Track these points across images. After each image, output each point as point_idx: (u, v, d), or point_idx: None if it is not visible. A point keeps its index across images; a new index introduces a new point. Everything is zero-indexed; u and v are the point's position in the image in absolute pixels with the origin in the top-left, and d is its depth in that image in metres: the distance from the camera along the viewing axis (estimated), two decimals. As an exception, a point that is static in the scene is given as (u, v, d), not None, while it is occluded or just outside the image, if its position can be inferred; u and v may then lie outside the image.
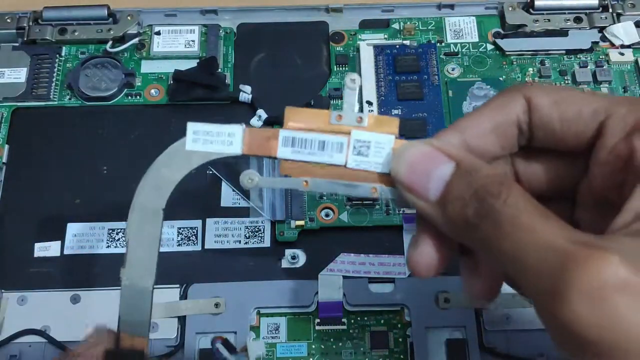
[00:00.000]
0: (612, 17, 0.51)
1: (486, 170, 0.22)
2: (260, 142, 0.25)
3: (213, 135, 0.25)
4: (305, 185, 0.25)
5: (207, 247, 0.44)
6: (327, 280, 0.42)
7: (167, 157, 0.25)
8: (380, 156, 0.25)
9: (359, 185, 0.25)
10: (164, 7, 0.52)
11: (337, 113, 0.25)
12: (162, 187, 0.25)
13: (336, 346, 0.41)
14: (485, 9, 0.52)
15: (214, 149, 0.25)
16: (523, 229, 0.20)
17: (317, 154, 0.25)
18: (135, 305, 0.26)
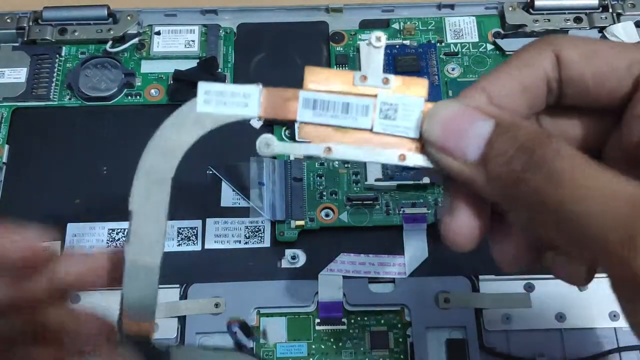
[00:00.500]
0: (612, 17, 0.51)
1: (529, 126, 0.21)
2: (278, 103, 0.23)
3: (227, 95, 0.23)
4: (328, 152, 0.23)
5: (207, 247, 0.44)
6: (327, 280, 0.42)
7: (176, 120, 0.23)
8: (410, 120, 0.23)
9: (385, 151, 0.23)
10: (164, 7, 0.52)
11: (362, 74, 0.23)
12: (171, 153, 0.23)
13: (336, 346, 0.41)
14: (485, 9, 0.52)
15: (228, 111, 0.23)
16: (585, 176, 0.19)
17: (341, 117, 0.23)
18: (140, 284, 0.23)
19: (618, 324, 0.41)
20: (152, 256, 0.24)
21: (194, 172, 0.45)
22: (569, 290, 0.42)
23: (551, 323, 0.41)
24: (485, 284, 0.42)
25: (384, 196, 0.45)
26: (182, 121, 0.23)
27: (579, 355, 0.40)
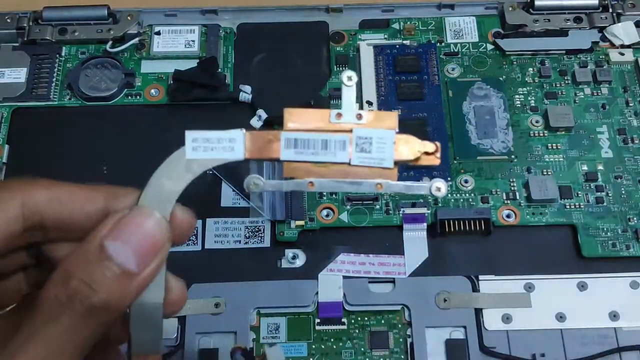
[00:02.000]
0: (612, 17, 0.51)
1: None
2: (262, 145, 0.25)
3: (213, 142, 0.25)
4: (311, 186, 0.25)
5: (207, 247, 0.43)
6: (327, 280, 0.42)
7: (167, 168, 0.24)
8: (383, 151, 0.25)
9: (364, 182, 0.25)
10: (164, 7, 0.52)
11: (337, 111, 0.25)
12: (164, 199, 0.24)
13: (336, 346, 0.41)
14: (485, 9, 0.52)
15: (215, 156, 0.25)
16: None
17: (321, 154, 0.25)
18: (146, 322, 0.24)
19: (618, 324, 0.41)
20: (155, 295, 0.24)
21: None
22: (569, 290, 0.42)
23: (551, 323, 0.41)
24: (485, 284, 0.42)
25: (383, 196, 0.45)
26: (173, 169, 0.24)
27: (579, 355, 0.40)
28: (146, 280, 0.23)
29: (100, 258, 0.22)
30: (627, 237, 0.43)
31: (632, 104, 0.48)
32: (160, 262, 0.23)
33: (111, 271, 0.22)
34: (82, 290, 0.21)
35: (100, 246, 0.22)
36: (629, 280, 0.42)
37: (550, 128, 0.47)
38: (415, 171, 0.45)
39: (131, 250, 0.22)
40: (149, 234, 0.23)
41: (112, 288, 0.22)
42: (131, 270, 0.22)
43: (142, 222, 0.23)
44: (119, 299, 0.22)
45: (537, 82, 0.49)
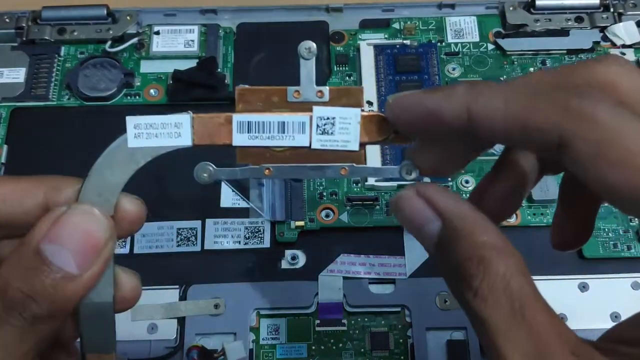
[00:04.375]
0: (613, 17, 0.50)
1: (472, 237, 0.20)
2: (212, 130, 0.23)
3: (157, 127, 0.23)
4: (268, 173, 0.23)
5: (206, 248, 0.43)
6: (327, 281, 0.42)
7: (108, 158, 0.23)
8: (347, 132, 0.23)
9: (327, 167, 0.23)
10: (164, 7, 0.52)
11: (295, 89, 0.23)
12: (106, 193, 0.22)
13: (336, 347, 0.41)
14: (486, 8, 0.52)
15: (160, 143, 0.23)
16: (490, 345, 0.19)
17: (277, 138, 0.23)
18: (96, 321, 0.23)
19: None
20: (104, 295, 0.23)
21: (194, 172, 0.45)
22: (570, 290, 0.41)
23: (552, 324, 0.40)
24: (486, 285, 0.41)
25: (384, 196, 0.44)
26: (115, 160, 0.23)
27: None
28: (89, 281, 0.22)
29: (38, 264, 0.21)
30: (629, 237, 0.43)
31: (634, 104, 0.48)
32: (104, 261, 0.22)
33: (50, 277, 0.21)
34: (20, 302, 0.20)
35: (37, 250, 0.21)
36: (631, 280, 0.42)
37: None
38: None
39: (70, 253, 0.21)
40: (89, 233, 0.22)
41: (53, 295, 0.21)
42: (72, 273, 0.21)
43: (81, 222, 0.22)
44: (61, 305, 0.21)
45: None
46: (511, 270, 0.19)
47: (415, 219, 0.22)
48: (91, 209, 0.22)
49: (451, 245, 0.20)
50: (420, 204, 0.22)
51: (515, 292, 0.19)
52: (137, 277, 0.24)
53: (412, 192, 0.22)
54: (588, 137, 0.18)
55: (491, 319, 0.19)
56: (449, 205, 0.21)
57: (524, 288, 0.19)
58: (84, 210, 0.22)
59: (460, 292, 0.20)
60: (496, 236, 0.20)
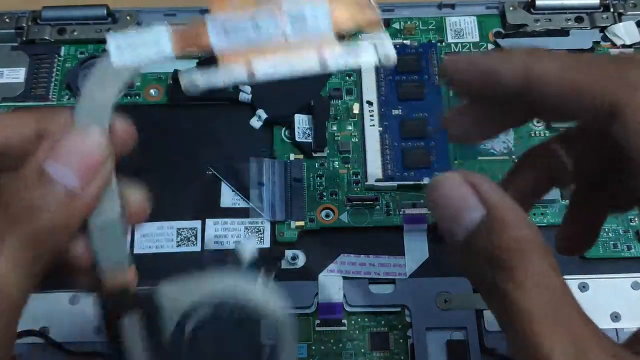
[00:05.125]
0: (613, 17, 0.50)
1: (513, 231, 0.20)
2: (190, 39, 0.23)
3: (138, 44, 0.24)
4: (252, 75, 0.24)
5: (206, 248, 0.43)
6: (327, 281, 0.42)
7: (96, 79, 0.23)
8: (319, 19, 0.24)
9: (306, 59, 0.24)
10: (163, 7, 0.52)
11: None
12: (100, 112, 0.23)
13: (336, 347, 0.41)
14: (486, 8, 0.52)
15: (142, 57, 0.24)
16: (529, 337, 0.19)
17: (254, 37, 0.23)
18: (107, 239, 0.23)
19: (619, 324, 0.40)
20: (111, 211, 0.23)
21: (194, 172, 0.45)
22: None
23: (552, 324, 0.40)
24: (486, 285, 0.41)
25: (384, 196, 0.44)
26: (102, 79, 0.24)
27: (580, 356, 0.39)
28: (91, 199, 0.22)
29: (40, 181, 0.21)
30: (629, 237, 0.43)
31: (634, 104, 0.48)
32: (104, 178, 0.23)
33: (53, 193, 0.21)
34: (23, 215, 0.21)
35: (39, 169, 0.21)
36: (631, 281, 0.42)
37: (552, 128, 0.47)
38: (416, 170, 0.45)
39: (72, 170, 0.22)
40: (89, 151, 0.22)
41: (56, 210, 0.21)
42: (74, 190, 0.22)
43: (81, 140, 0.22)
44: (64, 221, 0.22)
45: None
46: (552, 268, 0.20)
47: (457, 203, 0.21)
48: (89, 128, 0.23)
49: (492, 235, 0.20)
50: (466, 189, 0.21)
51: (557, 290, 0.19)
52: (142, 192, 0.25)
53: (459, 176, 0.22)
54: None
55: (533, 311, 0.19)
56: (495, 194, 0.21)
57: (564, 288, 0.20)
58: (82, 130, 0.23)
59: (496, 281, 0.20)
60: (536, 233, 0.20)
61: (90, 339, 0.40)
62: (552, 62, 0.21)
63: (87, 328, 0.40)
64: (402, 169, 0.45)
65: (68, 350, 0.40)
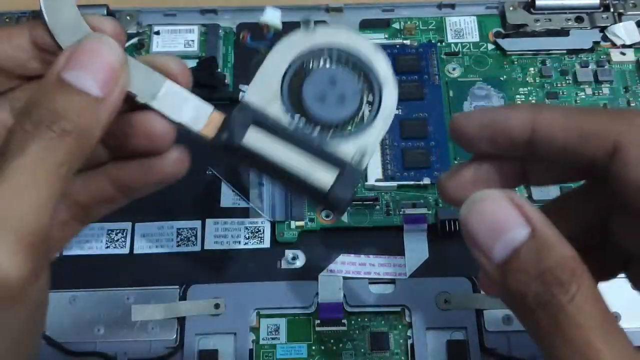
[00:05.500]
0: (613, 17, 0.50)
1: (561, 249, 0.21)
2: None
3: None
4: None
5: (206, 248, 0.43)
6: (327, 281, 0.41)
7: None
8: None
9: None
10: (163, 7, 0.52)
11: None
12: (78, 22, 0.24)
13: (336, 347, 0.41)
14: (486, 8, 0.52)
15: None
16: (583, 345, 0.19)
17: None
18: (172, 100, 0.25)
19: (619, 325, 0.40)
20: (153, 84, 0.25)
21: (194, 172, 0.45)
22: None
23: (552, 324, 0.40)
24: (486, 285, 0.41)
25: (384, 197, 0.44)
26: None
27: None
28: (114, 102, 0.22)
29: (61, 88, 0.21)
30: (629, 237, 0.43)
31: (634, 104, 0.48)
32: (124, 84, 0.23)
33: (74, 97, 0.21)
34: (48, 117, 0.21)
35: (60, 79, 0.22)
36: (631, 281, 0.42)
37: (552, 128, 0.47)
38: (416, 170, 0.45)
39: (91, 76, 0.22)
40: (108, 58, 0.22)
41: (80, 113, 0.21)
42: (95, 94, 0.22)
43: (98, 48, 0.22)
44: (89, 126, 0.22)
45: (538, 82, 0.49)
46: (596, 286, 0.21)
47: (502, 222, 0.21)
48: (105, 36, 0.23)
49: (541, 253, 0.21)
50: (509, 208, 0.21)
51: (604, 307, 0.20)
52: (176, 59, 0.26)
53: (502, 194, 0.22)
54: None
55: (588, 323, 0.20)
56: (538, 214, 0.21)
57: (606, 306, 0.20)
58: (99, 38, 0.23)
59: (550, 295, 0.20)
60: (576, 253, 0.21)
61: (90, 339, 0.40)
62: (555, 111, 0.23)
63: (87, 328, 0.40)
64: (402, 169, 0.45)
65: (68, 350, 0.40)
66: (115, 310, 0.41)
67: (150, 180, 0.26)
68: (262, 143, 0.25)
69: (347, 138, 0.25)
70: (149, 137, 0.24)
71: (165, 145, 0.25)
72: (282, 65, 0.25)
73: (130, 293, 0.41)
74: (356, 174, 0.25)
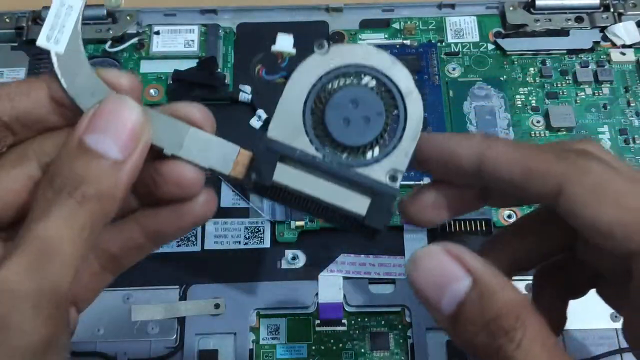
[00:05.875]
0: (613, 17, 0.50)
1: (504, 295, 0.21)
2: None
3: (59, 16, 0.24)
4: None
5: (206, 248, 0.43)
6: (327, 281, 0.41)
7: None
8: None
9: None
10: (164, 7, 0.52)
11: None
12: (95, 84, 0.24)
13: (336, 347, 0.41)
14: (486, 8, 0.52)
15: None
16: None
17: None
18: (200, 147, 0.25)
19: (619, 325, 0.40)
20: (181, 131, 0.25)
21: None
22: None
23: (552, 324, 0.40)
24: (486, 285, 0.41)
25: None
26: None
27: (580, 356, 0.39)
28: (135, 163, 0.22)
29: (82, 152, 0.22)
30: (629, 237, 0.43)
31: (634, 104, 0.48)
32: (144, 146, 0.23)
33: (95, 164, 0.21)
34: (69, 183, 0.21)
35: (80, 143, 0.22)
36: (631, 281, 0.42)
37: (552, 128, 0.47)
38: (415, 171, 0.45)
39: (112, 139, 0.22)
40: (127, 119, 0.22)
41: (101, 177, 0.21)
42: (115, 158, 0.22)
43: (117, 109, 0.22)
44: (109, 190, 0.22)
45: (538, 82, 0.49)
46: (544, 326, 0.21)
47: (443, 277, 0.22)
48: (124, 96, 0.23)
49: (484, 303, 0.21)
50: (449, 261, 0.22)
51: (553, 347, 0.20)
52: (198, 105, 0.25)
53: (440, 249, 0.22)
54: (584, 182, 0.21)
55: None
56: (479, 263, 0.22)
57: (554, 342, 0.21)
58: (118, 99, 0.23)
59: (496, 345, 0.20)
60: (523, 295, 0.22)
61: (91, 339, 0.40)
62: (504, 145, 0.23)
63: (87, 328, 0.40)
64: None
65: (68, 350, 0.40)
66: (115, 310, 0.41)
67: (182, 226, 0.26)
68: (292, 178, 0.25)
69: (378, 159, 0.25)
70: (179, 185, 0.24)
71: (196, 190, 0.25)
72: (301, 95, 0.25)
73: (130, 293, 0.41)
74: (390, 196, 0.25)
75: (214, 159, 0.25)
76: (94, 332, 0.40)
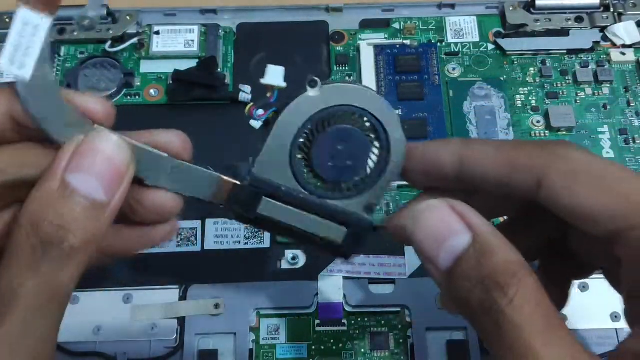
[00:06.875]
0: (613, 17, 0.50)
1: (503, 253, 0.21)
2: None
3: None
4: None
5: (206, 248, 0.43)
6: (327, 281, 0.41)
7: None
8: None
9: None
10: (164, 7, 0.52)
11: None
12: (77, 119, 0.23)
13: (336, 347, 0.41)
14: (486, 8, 0.52)
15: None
16: (523, 348, 0.19)
17: None
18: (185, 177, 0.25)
19: (619, 324, 0.40)
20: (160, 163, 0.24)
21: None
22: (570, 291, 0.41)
23: (552, 324, 0.40)
24: (486, 285, 0.41)
25: (384, 197, 0.44)
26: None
27: (580, 356, 0.39)
28: (118, 203, 0.22)
29: (66, 194, 0.21)
30: (629, 237, 0.43)
31: (634, 104, 0.48)
32: (127, 185, 0.22)
33: (80, 207, 0.21)
34: (56, 234, 0.20)
35: (63, 182, 0.21)
36: (631, 281, 0.42)
37: (552, 128, 0.47)
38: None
39: (97, 180, 0.21)
40: (112, 158, 0.22)
41: (86, 223, 0.21)
42: (100, 201, 0.21)
43: (102, 148, 0.22)
44: (95, 232, 0.21)
45: (538, 82, 0.49)
46: (540, 287, 0.21)
47: (442, 230, 0.22)
48: (109, 134, 0.22)
49: (482, 259, 0.21)
50: (451, 216, 0.22)
51: (548, 306, 0.20)
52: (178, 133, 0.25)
53: (444, 203, 0.23)
54: (562, 169, 0.22)
55: (527, 326, 0.20)
56: (481, 221, 0.22)
57: (551, 306, 0.20)
58: (102, 136, 0.22)
59: (490, 301, 0.20)
60: (521, 256, 0.21)
61: (90, 339, 0.40)
62: (484, 145, 0.24)
63: (87, 328, 0.40)
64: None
65: (68, 351, 0.40)
66: (115, 311, 0.41)
67: (138, 247, 0.26)
68: (276, 211, 0.26)
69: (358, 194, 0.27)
70: (160, 213, 0.24)
71: (173, 216, 0.25)
72: (289, 134, 0.26)
73: (130, 293, 0.41)
74: (364, 229, 0.28)
75: (196, 187, 0.25)
76: (94, 332, 0.40)
